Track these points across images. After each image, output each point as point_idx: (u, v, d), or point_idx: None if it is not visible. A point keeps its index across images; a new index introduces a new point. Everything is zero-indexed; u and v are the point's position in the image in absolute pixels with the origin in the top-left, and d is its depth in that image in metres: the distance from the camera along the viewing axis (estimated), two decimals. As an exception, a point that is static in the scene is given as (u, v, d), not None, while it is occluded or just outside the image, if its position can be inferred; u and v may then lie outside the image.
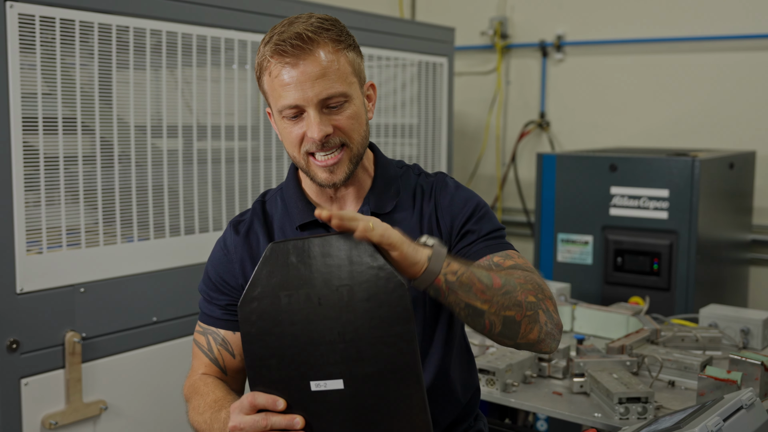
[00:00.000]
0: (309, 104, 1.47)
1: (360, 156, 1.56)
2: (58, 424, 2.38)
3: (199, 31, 2.72)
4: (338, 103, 1.49)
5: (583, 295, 3.37)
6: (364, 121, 1.56)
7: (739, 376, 1.95)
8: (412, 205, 1.65)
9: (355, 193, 1.63)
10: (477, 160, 4.86)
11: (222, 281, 1.64)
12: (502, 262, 1.54)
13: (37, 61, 2.30)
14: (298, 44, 1.46)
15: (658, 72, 4.28)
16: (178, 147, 2.70)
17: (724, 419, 1.62)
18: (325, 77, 1.47)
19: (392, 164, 1.71)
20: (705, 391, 1.97)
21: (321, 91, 1.47)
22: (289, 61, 1.46)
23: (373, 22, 3.52)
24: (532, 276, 1.51)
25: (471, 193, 1.67)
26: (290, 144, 1.53)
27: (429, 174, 1.72)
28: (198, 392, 1.61)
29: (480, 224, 1.61)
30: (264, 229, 1.64)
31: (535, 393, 2.20)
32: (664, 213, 3.22)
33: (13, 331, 2.29)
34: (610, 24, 4.40)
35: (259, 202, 1.69)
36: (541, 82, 4.65)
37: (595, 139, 4.46)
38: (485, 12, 4.79)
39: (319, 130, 1.47)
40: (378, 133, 3.57)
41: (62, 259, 2.40)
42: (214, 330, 1.65)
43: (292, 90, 1.47)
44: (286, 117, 1.50)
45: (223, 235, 1.67)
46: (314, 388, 1.32)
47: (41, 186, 2.33)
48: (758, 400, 1.74)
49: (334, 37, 1.51)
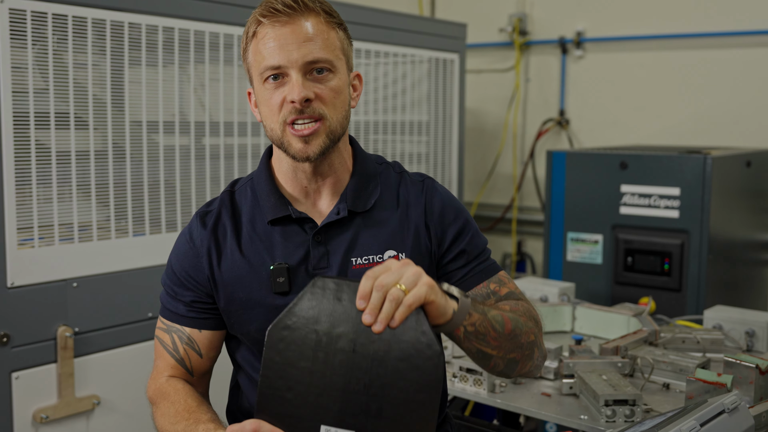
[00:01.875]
0: (293, 66, 1.44)
1: (337, 135, 1.51)
2: (50, 418, 2.39)
3: (211, 28, 2.72)
4: (323, 70, 1.46)
5: (593, 295, 3.30)
6: (346, 100, 1.52)
7: (729, 380, 1.88)
8: (396, 205, 1.60)
9: (331, 188, 1.58)
10: (495, 158, 4.80)
11: (187, 276, 1.58)
12: (498, 290, 1.59)
13: (29, 57, 2.31)
14: (291, 5, 1.44)
15: (680, 68, 4.18)
16: (175, 142, 2.70)
17: (702, 423, 1.56)
18: (313, 41, 1.45)
19: (371, 159, 1.66)
20: (694, 394, 1.90)
21: (307, 53, 1.44)
22: (279, 20, 1.44)
23: (384, 18, 3.49)
24: (529, 308, 1.57)
25: (460, 205, 1.65)
26: (269, 111, 1.48)
27: (412, 174, 1.68)
28: (167, 397, 1.55)
29: (472, 243, 1.61)
30: (232, 221, 1.58)
31: (523, 394, 2.15)
32: (676, 212, 3.14)
33: (4, 325, 2.30)
34: (631, 20, 4.31)
35: (228, 192, 1.63)
36: (560, 79, 4.57)
37: (616, 136, 4.37)
38: (504, 8, 4.73)
39: (299, 91, 1.43)
40: (387, 130, 3.53)
41: (55, 253, 2.40)
42: (179, 327, 1.59)
43: (278, 51, 1.44)
44: (267, 80, 1.46)
45: (188, 226, 1.61)
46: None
47: (33, 181, 2.33)
48: (743, 404, 1.68)
49: (327, 11, 1.50)
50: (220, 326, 1.60)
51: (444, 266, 1.60)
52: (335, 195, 1.58)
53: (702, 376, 1.90)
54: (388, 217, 1.58)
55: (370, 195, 1.59)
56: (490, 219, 4.83)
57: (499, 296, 1.59)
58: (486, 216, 4.85)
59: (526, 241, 4.74)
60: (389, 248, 1.54)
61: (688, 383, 1.91)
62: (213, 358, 1.64)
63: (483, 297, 1.59)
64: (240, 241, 1.55)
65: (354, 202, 1.56)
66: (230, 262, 1.54)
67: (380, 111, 3.49)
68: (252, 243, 1.55)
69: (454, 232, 1.60)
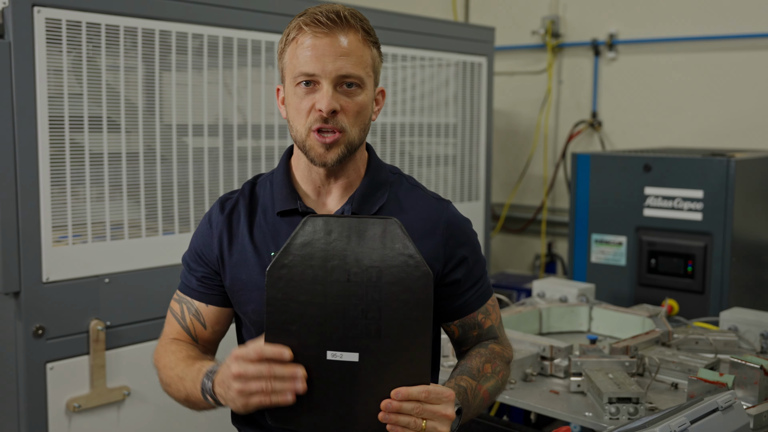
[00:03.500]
0: (326, 77, 1.52)
1: (355, 146, 1.59)
2: (82, 407, 2.51)
3: (239, 34, 2.82)
4: (352, 84, 1.55)
5: (616, 296, 3.33)
6: (368, 115, 1.61)
7: (731, 379, 1.91)
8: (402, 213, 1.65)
9: (342, 189, 1.66)
10: (527, 160, 4.83)
11: (201, 253, 1.69)
12: (483, 322, 1.73)
13: (63, 63, 2.43)
14: (335, 19, 1.53)
15: (713, 70, 4.17)
16: (204, 144, 2.80)
17: (693, 420, 1.60)
18: (348, 57, 1.53)
19: (385, 168, 1.73)
20: (695, 394, 1.93)
21: (341, 67, 1.52)
22: (321, 31, 1.52)
23: (414, 23, 3.56)
24: (502, 352, 1.73)
25: (471, 230, 1.74)
26: (296, 114, 1.57)
27: (429, 191, 1.74)
28: (168, 351, 1.66)
29: (473, 271, 1.70)
30: (248, 209, 1.68)
31: (532, 391, 2.20)
32: (699, 214, 3.16)
33: (40, 318, 2.43)
34: (663, 22, 4.31)
35: (249, 184, 1.73)
36: (593, 81, 4.59)
37: (648, 138, 4.38)
38: (538, 11, 4.76)
39: (328, 102, 1.51)
40: (414, 132, 3.60)
41: (88, 250, 2.52)
42: (189, 300, 1.70)
43: (315, 60, 1.52)
44: (299, 85, 1.55)
45: (210, 209, 1.73)
46: (329, 357, 1.41)
47: (68, 181, 2.46)
48: (738, 402, 1.71)
49: (366, 29, 1.58)
50: (226, 304, 1.70)
51: (443, 287, 1.67)
52: (344, 197, 1.66)
53: (704, 375, 1.94)
54: None
55: (377, 200, 1.66)
56: (521, 220, 4.87)
57: (482, 329, 1.73)
58: (517, 217, 4.89)
59: (556, 243, 4.76)
60: None
61: (690, 382, 1.95)
62: (218, 332, 1.74)
63: (469, 327, 1.71)
64: (252, 228, 1.66)
65: (360, 205, 1.63)
66: (240, 245, 1.65)
67: (408, 113, 3.56)
68: (261, 230, 1.65)
69: (459, 258, 1.67)
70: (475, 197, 3.97)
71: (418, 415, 1.38)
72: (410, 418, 1.38)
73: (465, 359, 1.68)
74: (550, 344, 2.29)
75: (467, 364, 1.64)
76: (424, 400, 1.38)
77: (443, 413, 1.39)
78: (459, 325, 1.70)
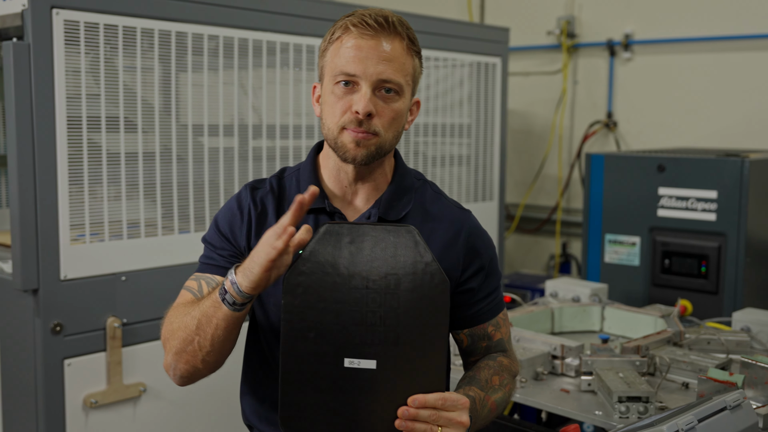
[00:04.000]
0: (367, 79, 1.53)
1: (385, 150, 1.60)
2: (99, 403, 2.55)
3: (255, 35, 2.86)
4: (391, 90, 1.56)
5: (630, 296, 3.33)
6: (402, 122, 1.61)
7: (740, 379, 1.92)
8: (425, 220, 1.67)
9: (368, 192, 1.67)
10: (542, 160, 4.84)
11: (230, 232, 1.65)
12: (493, 334, 1.74)
13: (81, 64, 2.47)
14: (382, 23, 1.55)
15: (729, 70, 4.16)
16: (220, 144, 2.84)
17: (701, 419, 1.61)
18: (391, 62, 1.54)
19: (411, 174, 1.74)
20: (705, 393, 1.94)
21: (382, 71, 1.53)
22: (368, 33, 1.54)
23: (428, 24, 3.58)
24: (510, 365, 1.74)
25: (490, 241, 1.75)
26: (331, 113, 1.57)
27: (450, 199, 1.76)
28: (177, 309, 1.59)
29: (488, 281, 1.72)
30: (275, 203, 1.67)
31: (543, 390, 2.21)
32: (713, 215, 3.15)
33: (57, 315, 2.47)
34: (679, 22, 4.30)
35: (276, 178, 1.72)
36: (608, 81, 4.59)
37: (664, 139, 4.37)
38: (552, 11, 4.77)
39: (365, 104, 1.52)
40: (428, 132, 3.62)
41: (105, 249, 2.56)
42: (210, 276, 1.63)
43: (357, 61, 1.53)
44: (339, 84, 1.55)
45: (238, 194, 1.70)
46: (347, 365, 1.42)
47: (85, 181, 2.50)
48: (747, 402, 1.72)
49: (411, 38, 1.60)
50: None
51: (458, 294, 1.68)
52: (370, 200, 1.67)
53: (714, 375, 1.95)
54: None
55: (404, 206, 1.67)
56: (536, 220, 4.88)
57: (492, 341, 1.74)
58: (532, 217, 4.90)
59: (571, 243, 4.76)
60: None
61: (700, 382, 1.96)
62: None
63: (479, 337, 1.73)
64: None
65: (386, 210, 1.65)
66: None
67: (423, 113, 3.58)
68: None
69: (476, 268, 1.69)
70: (489, 197, 3.98)
71: (434, 422, 1.40)
72: (426, 425, 1.40)
73: (473, 370, 1.69)
74: (561, 343, 2.31)
75: (476, 375, 1.65)
76: (440, 407, 1.40)
77: (458, 420, 1.41)
78: (468, 335, 1.72)
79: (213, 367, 1.57)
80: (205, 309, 1.49)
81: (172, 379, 1.61)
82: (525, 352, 2.31)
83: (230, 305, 1.44)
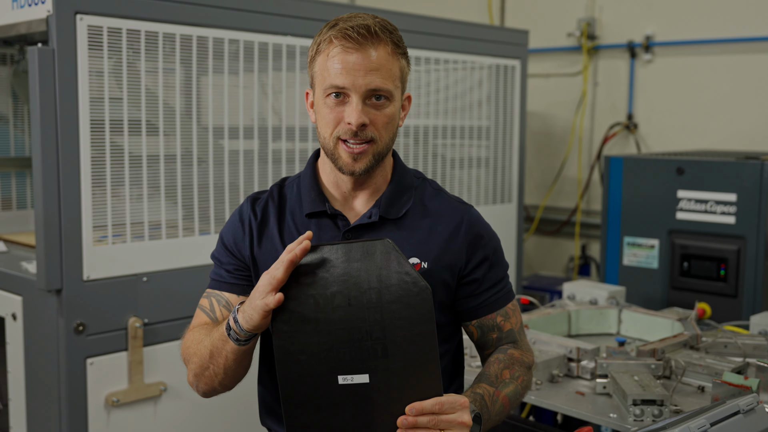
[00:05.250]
0: (356, 91, 1.57)
1: (383, 155, 1.64)
2: (120, 402, 2.59)
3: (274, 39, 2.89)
4: (381, 97, 1.59)
5: (648, 299, 3.33)
6: (396, 124, 1.65)
7: (755, 383, 1.92)
8: (426, 217, 1.71)
9: (368, 194, 1.71)
10: (562, 162, 4.84)
11: (234, 246, 1.72)
12: (503, 324, 1.75)
13: (104, 68, 2.51)
14: (365, 34, 1.57)
15: (750, 72, 4.14)
16: (240, 146, 2.87)
17: (714, 423, 1.62)
18: (377, 71, 1.57)
19: (410, 173, 1.78)
20: (720, 397, 1.95)
21: (371, 81, 1.56)
22: (351, 47, 1.56)
23: (448, 27, 3.60)
24: (522, 357, 1.74)
25: (492, 232, 1.78)
26: (325, 124, 1.61)
27: (451, 195, 1.79)
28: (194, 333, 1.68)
29: (492, 272, 1.74)
30: (277, 210, 1.73)
31: (558, 392, 2.23)
32: (732, 218, 3.15)
33: (80, 315, 2.51)
34: (700, 23, 4.29)
35: (277, 186, 1.78)
36: (628, 83, 4.58)
37: (685, 141, 4.36)
38: (573, 13, 4.77)
39: (358, 117, 1.56)
40: (447, 134, 3.64)
41: (127, 250, 2.61)
42: (219, 293, 1.73)
43: (345, 74, 1.56)
44: (329, 96, 1.59)
45: (240, 207, 1.76)
46: (341, 382, 1.45)
47: (108, 183, 2.54)
48: (761, 406, 1.72)
49: (395, 41, 1.62)
50: None
51: (463, 286, 1.71)
52: (371, 200, 1.71)
53: (728, 379, 1.95)
54: (416, 228, 1.69)
55: (403, 204, 1.70)
56: (556, 222, 4.88)
57: (502, 332, 1.75)
58: (552, 219, 4.90)
59: (590, 245, 4.76)
60: (413, 256, 1.66)
61: (714, 386, 1.96)
62: None
63: (488, 328, 1.74)
64: (281, 228, 1.70)
65: (387, 209, 1.68)
66: (269, 244, 1.69)
67: (441, 116, 3.60)
68: (289, 231, 1.69)
69: (480, 259, 1.71)
70: (507, 199, 3.99)
71: (435, 426, 1.42)
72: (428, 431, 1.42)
73: (483, 367, 1.71)
74: (576, 346, 2.32)
75: (485, 371, 1.68)
76: (438, 412, 1.42)
77: (459, 421, 1.43)
78: (477, 326, 1.74)
79: (230, 387, 1.66)
80: (214, 341, 1.58)
81: (197, 393, 1.70)
82: (541, 355, 2.32)
83: (236, 341, 1.53)
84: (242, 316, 1.50)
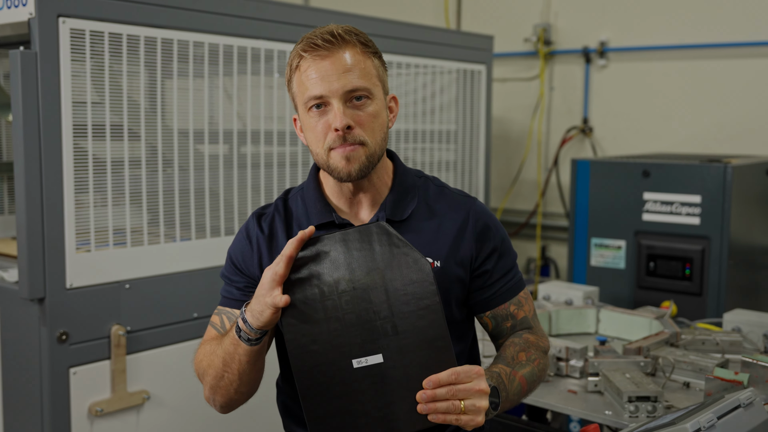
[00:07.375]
0: (334, 96, 1.58)
1: (377, 157, 1.65)
2: (104, 411, 2.55)
3: (239, 42, 2.87)
4: (361, 97, 1.60)
5: (616, 299, 3.42)
6: (384, 123, 1.66)
7: (746, 378, 2.00)
8: (433, 215, 1.73)
9: (372, 200, 1.72)
10: (520, 165, 4.93)
11: (243, 264, 1.73)
12: (516, 313, 1.79)
13: (87, 72, 2.47)
14: (330, 39, 1.59)
15: (703, 78, 4.28)
16: (219, 152, 2.85)
17: (719, 417, 1.68)
18: (350, 72, 1.59)
19: (411, 173, 1.80)
20: (712, 392, 2.02)
21: (346, 83, 1.58)
22: (319, 54, 1.59)
23: (414, 32, 3.63)
24: (538, 341, 1.77)
25: (498, 224, 1.81)
26: (314, 138, 1.63)
27: (455, 190, 1.81)
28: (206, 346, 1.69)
29: (501, 262, 1.77)
30: (284, 224, 1.73)
31: (550, 391, 2.28)
32: (697, 219, 3.26)
33: (63, 324, 2.46)
34: (654, 30, 4.42)
35: (282, 200, 1.79)
36: (584, 87, 4.69)
37: (639, 145, 4.48)
38: (529, 19, 4.86)
39: (341, 119, 1.57)
40: (417, 139, 3.67)
41: (109, 257, 2.56)
42: (230, 311, 1.73)
43: (320, 82, 1.58)
44: (311, 109, 1.61)
45: (246, 224, 1.77)
46: (356, 366, 1.48)
47: (90, 188, 2.50)
48: (758, 399, 1.80)
49: (363, 41, 1.64)
50: None
51: (475, 278, 1.74)
52: (375, 205, 1.72)
53: (720, 374, 2.03)
54: (424, 227, 1.72)
55: (408, 205, 1.73)
56: (514, 224, 4.96)
57: (516, 320, 1.78)
58: (511, 221, 4.98)
59: (550, 246, 4.86)
60: (425, 255, 1.68)
61: (707, 381, 2.03)
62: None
63: (502, 318, 1.77)
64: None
65: (392, 211, 1.70)
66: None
67: (410, 120, 3.63)
68: None
69: (489, 250, 1.75)
70: (473, 202, 4.04)
71: (454, 396, 1.43)
72: (447, 403, 1.43)
73: (499, 351, 1.74)
74: (565, 345, 2.37)
75: (501, 354, 1.70)
76: (455, 382, 1.44)
77: (477, 389, 1.44)
78: (491, 317, 1.77)
79: (247, 395, 1.67)
80: (226, 347, 1.58)
81: (214, 409, 1.70)
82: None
83: (247, 341, 1.54)
84: (251, 315, 1.51)
